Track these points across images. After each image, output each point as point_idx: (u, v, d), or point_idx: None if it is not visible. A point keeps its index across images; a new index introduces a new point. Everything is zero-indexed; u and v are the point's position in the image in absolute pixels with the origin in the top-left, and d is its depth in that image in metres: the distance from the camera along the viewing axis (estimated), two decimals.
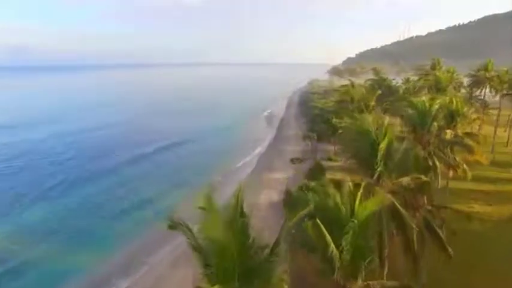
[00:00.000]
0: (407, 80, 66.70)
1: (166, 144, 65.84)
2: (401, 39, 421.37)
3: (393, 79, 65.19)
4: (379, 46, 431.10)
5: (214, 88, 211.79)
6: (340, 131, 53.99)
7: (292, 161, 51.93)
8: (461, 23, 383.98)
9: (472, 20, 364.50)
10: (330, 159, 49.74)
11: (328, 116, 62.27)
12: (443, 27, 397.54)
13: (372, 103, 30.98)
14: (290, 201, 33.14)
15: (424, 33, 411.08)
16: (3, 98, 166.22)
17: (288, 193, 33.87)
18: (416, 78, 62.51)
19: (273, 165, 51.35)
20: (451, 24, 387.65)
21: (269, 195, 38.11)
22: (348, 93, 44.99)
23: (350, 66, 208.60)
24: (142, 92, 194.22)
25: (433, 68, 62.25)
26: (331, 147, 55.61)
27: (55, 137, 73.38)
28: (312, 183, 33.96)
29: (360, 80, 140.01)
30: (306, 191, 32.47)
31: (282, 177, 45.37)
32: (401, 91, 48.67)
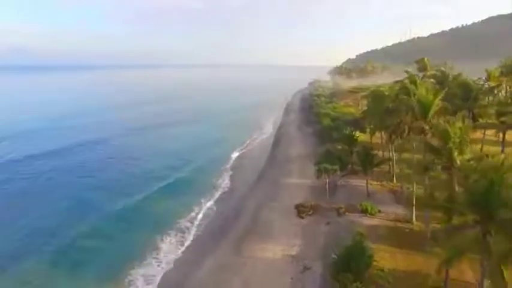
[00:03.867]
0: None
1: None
2: (403, 40, 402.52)
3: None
4: (379, 47, 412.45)
5: (209, 89, 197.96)
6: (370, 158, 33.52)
7: (300, 212, 30.70)
8: (464, 24, 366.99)
9: (476, 21, 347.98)
10: (364, 210, 28.74)
11: (350, 133, 41.55)
12: (446, 28, 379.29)
13: None
14: None
15: (426, 35, 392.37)
16: None
17: None
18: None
19: (265, 221, 30.17)
20: (454, 26, 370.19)
21: None
22: (409, 100, 23.80)
23: (359, 66, 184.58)
24: (126, 91, 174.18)
25: None
26: (359, 183, 34.71)
27: None
28: None
29: (367, 82, 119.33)
30: None
31: (283, 255, 24.29)
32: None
